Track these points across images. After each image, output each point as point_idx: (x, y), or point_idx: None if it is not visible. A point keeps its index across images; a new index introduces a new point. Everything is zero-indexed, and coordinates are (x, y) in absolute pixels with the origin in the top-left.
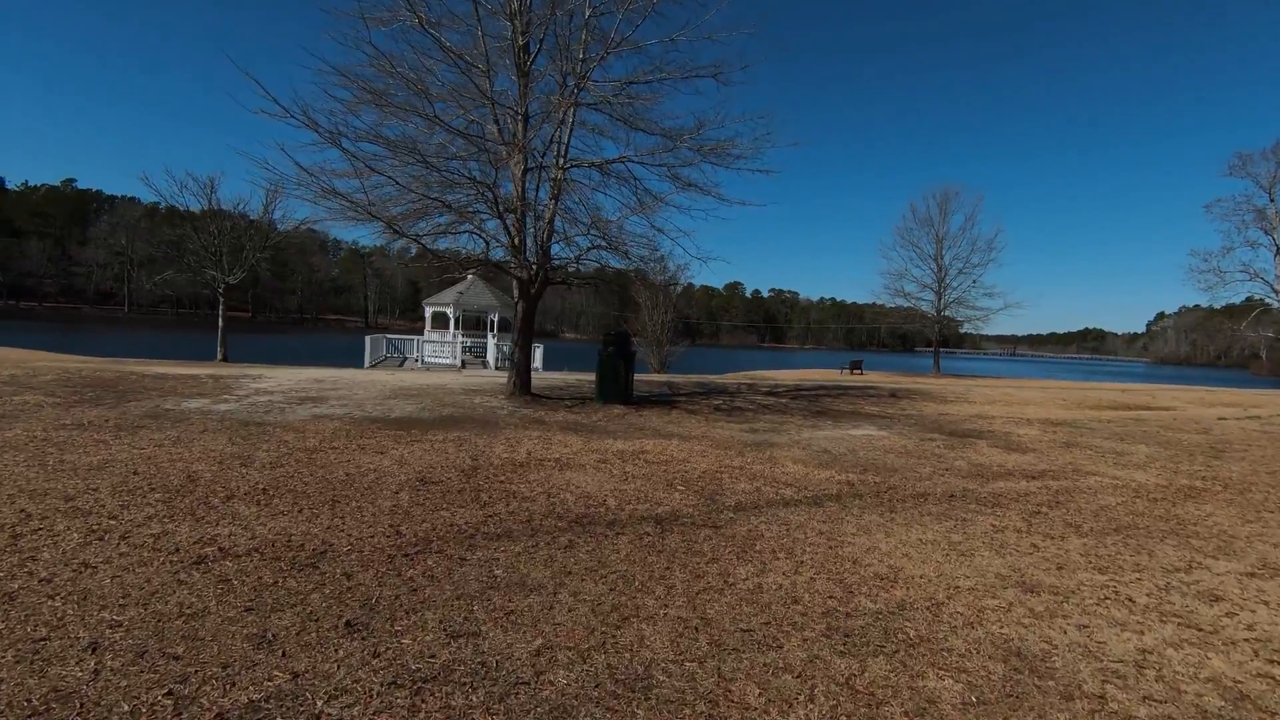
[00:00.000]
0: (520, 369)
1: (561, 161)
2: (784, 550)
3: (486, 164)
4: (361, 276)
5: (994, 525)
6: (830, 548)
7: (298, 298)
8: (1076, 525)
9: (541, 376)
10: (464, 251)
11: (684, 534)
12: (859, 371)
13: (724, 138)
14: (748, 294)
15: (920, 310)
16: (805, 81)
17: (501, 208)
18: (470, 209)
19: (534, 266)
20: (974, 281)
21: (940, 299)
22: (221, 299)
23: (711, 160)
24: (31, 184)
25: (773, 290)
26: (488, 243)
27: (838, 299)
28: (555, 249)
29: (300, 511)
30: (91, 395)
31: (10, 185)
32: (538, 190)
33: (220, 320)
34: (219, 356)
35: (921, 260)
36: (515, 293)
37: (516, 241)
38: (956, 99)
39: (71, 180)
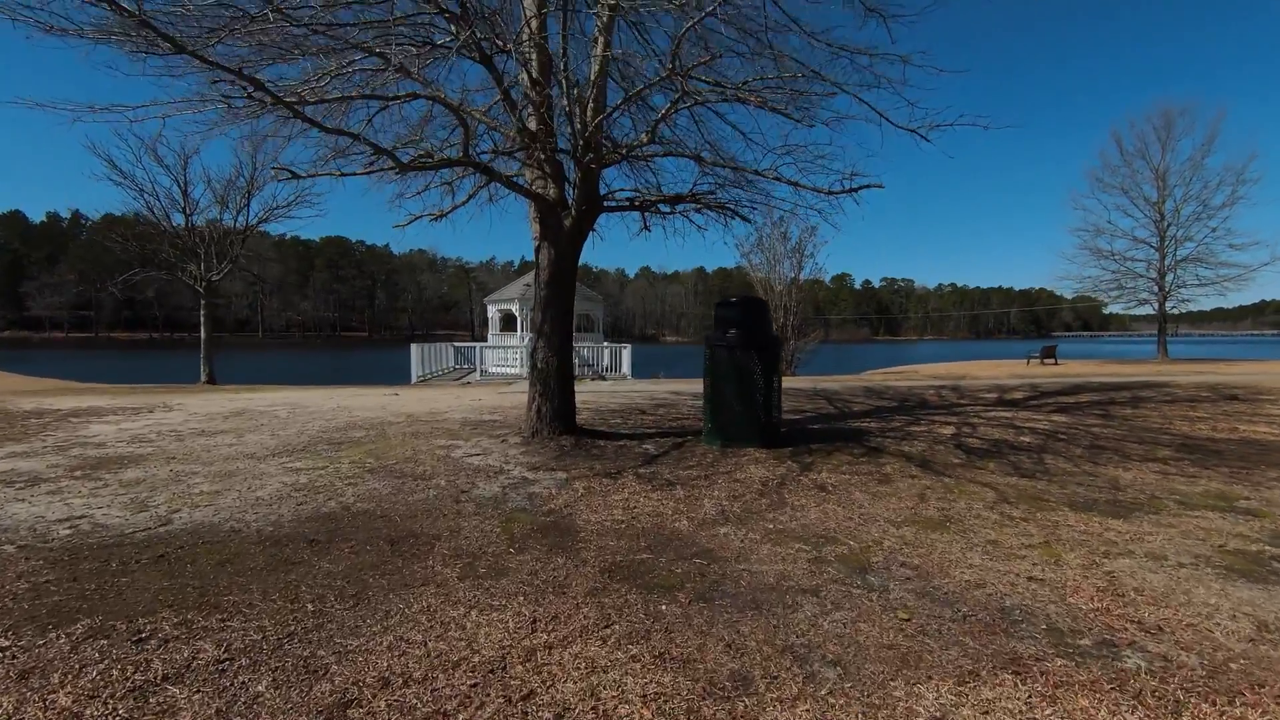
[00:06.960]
0: (551, 381)
1: None
2: None
3: None
4: (466, 291)
5: None
6: None
7: (409, 315)
8: None
9: (623, 390)
10: (403, 140)
11: None
12: (1052, 361)
13: None
14: (856, 285)
15: (1132, 272)
16: None
17: (485, 43)
18: (399, 38)
19: (570, 170)
20: (1214, 229)
21: (1164, 258)
22: (204, 301)
23: None
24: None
25: (884, 279)
26: (467, 126)
27: (958, 284)
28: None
29: None
30: None
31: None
32: (566, 23)
33: (203, 333)
34: (202, 379)
35: (1134, 207)
36: (535, 228)
37: (532, 124)
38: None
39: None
